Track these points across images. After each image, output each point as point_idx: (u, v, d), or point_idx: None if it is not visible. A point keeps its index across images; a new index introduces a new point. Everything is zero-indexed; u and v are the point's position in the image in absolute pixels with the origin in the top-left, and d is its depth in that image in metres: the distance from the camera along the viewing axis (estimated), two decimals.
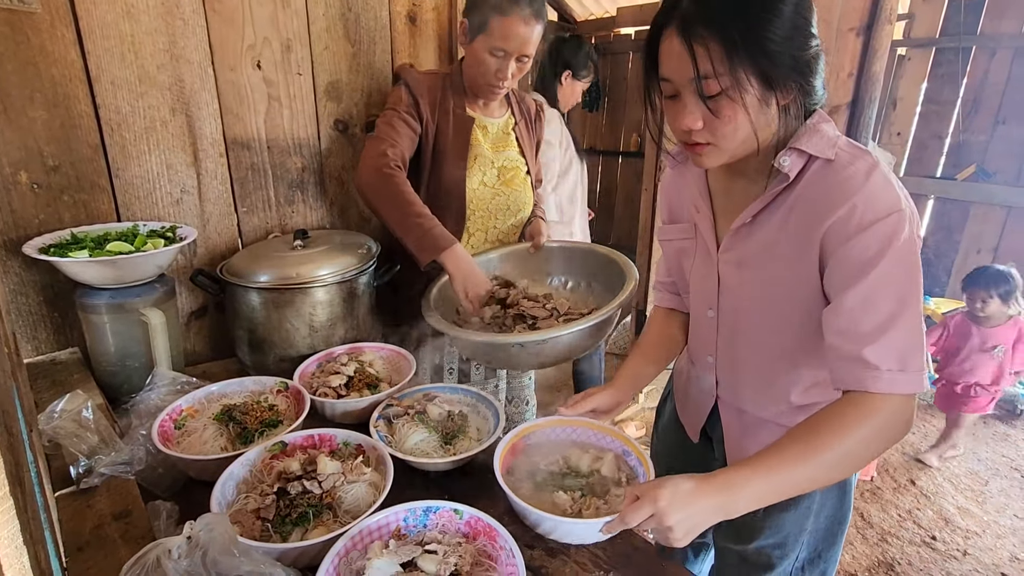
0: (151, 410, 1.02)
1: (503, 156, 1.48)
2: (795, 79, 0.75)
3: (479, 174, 1.44)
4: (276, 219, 1.52)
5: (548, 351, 1.16)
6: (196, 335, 1.46)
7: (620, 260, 1.37)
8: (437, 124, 1.38)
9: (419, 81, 1.37)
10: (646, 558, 0.85)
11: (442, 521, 0.81)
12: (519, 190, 1.51)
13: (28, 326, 1.22)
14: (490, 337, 1.15)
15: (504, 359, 1.21)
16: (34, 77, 1.12)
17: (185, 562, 0.63)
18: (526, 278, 1.48)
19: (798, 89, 0.76)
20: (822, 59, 0.77)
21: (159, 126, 1.28)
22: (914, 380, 0.72)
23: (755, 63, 0.71)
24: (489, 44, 1.28)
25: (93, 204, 1.24)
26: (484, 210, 1.48)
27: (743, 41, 0.70)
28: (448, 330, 1.16)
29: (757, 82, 0.73)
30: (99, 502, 0.82)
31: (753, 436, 0.97)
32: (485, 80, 1.34)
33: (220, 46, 1.32)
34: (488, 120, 1.47)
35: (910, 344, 0.72)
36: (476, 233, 1.50)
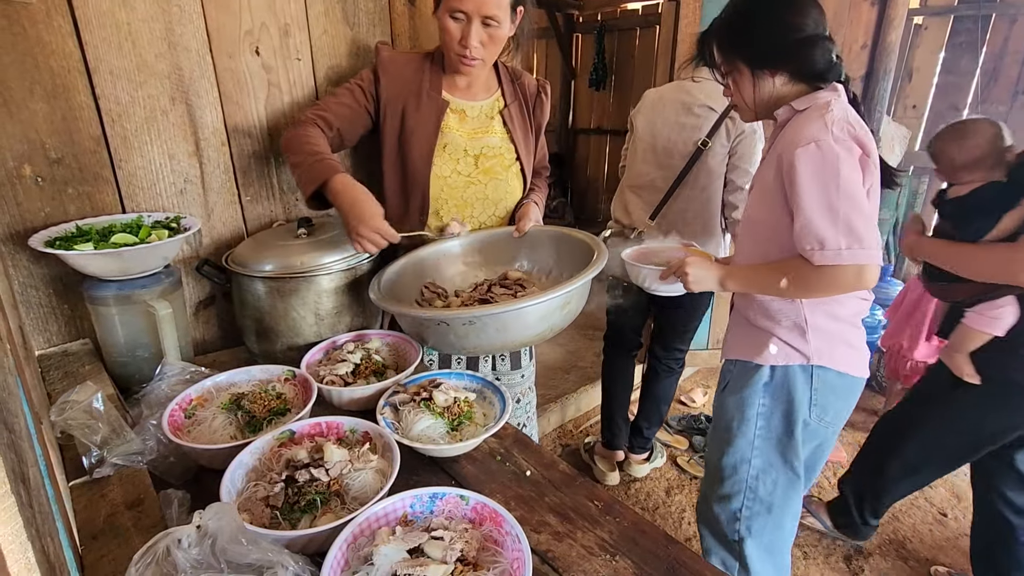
0: (161, 400, 1.03)
1: (481, 142, 1.39)
2: (781, 60, 1.12)
3: (451, 162, 1.37)
4: (280, 207, 1.52)
5: (480, 333, 1.07)
6: (204, 324, 1.48)
7: (591, 242, 1.28)
8: (404, 105, 1.32)
9: (389, 60, 1.32)
10: (652, 541, 0.85)
11: (448, 507, 0.81)
12: (501, 178, 1.43)
13: (39, 319, 1.23)
14: (413, 311, 1.11)
15: (432, 337, 1.13)
16: (33, 69, 1.11)
17: (195, 551, 0.64)
18: (502, 265, 1.44)
19: (789, 66, 1.12)
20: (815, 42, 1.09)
21: (159, 116, 1.27)
22: (827, 256, 1.02)
23: (741, 54, 1.15)
24: (448, 7, 1.20)
25: (97, 196, 1.24)
26: (458, 199, 1.41)
27: (729, 42, 1.17)
28: (381, 303, 1.14)
29: (745, 66, 1.15)
30: (112, 491, 0.84)
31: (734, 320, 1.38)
32: (452, 50, 1.25)
33: (217, 32, 1.30)
34: (467, 103, 1.39)
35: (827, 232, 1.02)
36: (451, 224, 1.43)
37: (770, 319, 1.23)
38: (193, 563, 0.63)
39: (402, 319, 1.19)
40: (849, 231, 1.01)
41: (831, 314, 1.19)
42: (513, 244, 1.45)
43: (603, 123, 5.84)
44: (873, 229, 1.03)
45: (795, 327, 1.21)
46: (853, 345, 1.22)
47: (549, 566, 0.80)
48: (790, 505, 1.31)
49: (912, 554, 2.05)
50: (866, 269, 1.02)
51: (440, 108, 1.35)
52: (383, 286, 1.24)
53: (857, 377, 1.23)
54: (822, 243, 1.02)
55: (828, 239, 1.02)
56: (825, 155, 1.02)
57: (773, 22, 1.11)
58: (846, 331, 1.21)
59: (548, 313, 1.11)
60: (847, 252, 1.01)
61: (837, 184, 1.01)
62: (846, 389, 1.23)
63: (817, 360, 1.20)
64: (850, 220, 1.01)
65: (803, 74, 1.12)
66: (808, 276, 1.06)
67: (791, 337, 1.21)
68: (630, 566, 0.80)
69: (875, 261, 1.01)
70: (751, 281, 1.18)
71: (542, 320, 1.11)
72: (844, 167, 1.01)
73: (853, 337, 1.22)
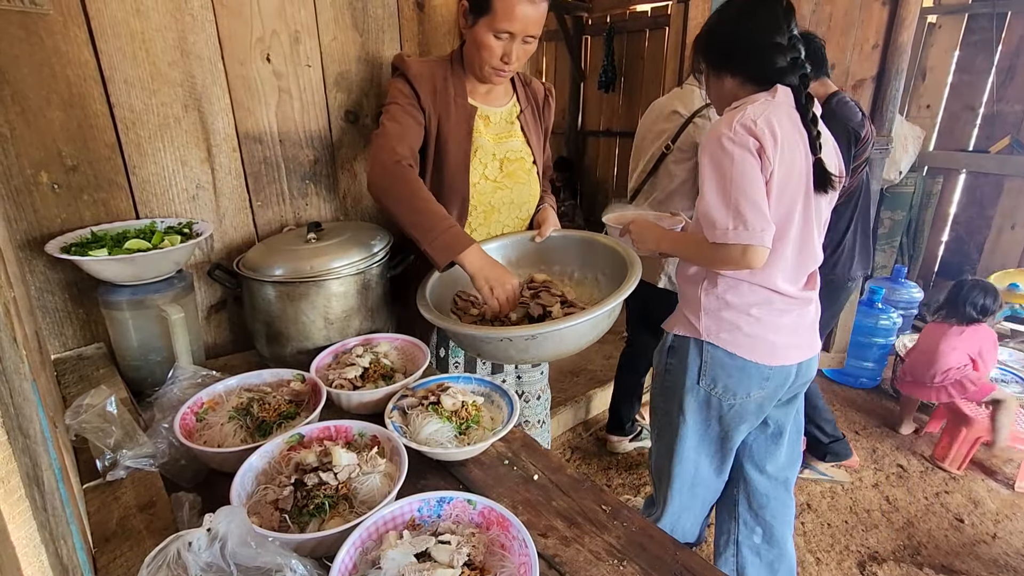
0: (173, 403, 1.05)
1: (505, 147, 1.42)
2: (732, 65, 1.26)
3: (480, 167, 1.39)
4: (290, 212, 1.54)
5: (540, 346, 1.13)
6: (216, 329, 1.49)
7: (623, 252, 1.33)
8: (438, 115, 1.33)
9: (418, 72, 1.32)
10: (660, 547, 0.85)
11: (456, 511, 0.81)
12: (523, 182, 1.46)
13: (55, 323, 1.25)
14: (477, 330, 1.13)
15: (492, 352, 1.18)
16: (50, 78, 1.13)
17: (205, 554, 0.65)
18: (525, 268, 1.46)
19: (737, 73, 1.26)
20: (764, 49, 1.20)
21: (172, 123, 1.29)
22: (717, 235, 1.17)
23: (705, 57, 1.32)
24: (493, 26, 1.22)
25: (112, 202, 1.26)
26: (486, 205, 1.43)
27: (700, 49, 1.34)
28: (438, 321, 1.15)
29: (709, 68, 1.32)
30: (125, 494, 0.85)
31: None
32: (490, 65, 1.28)
33: (229, 40, 1.32)
34: (490, 109, 1.41)
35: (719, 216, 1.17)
36: (479, 228, 1.45)
37: (682, 297, 1.43)
38: (203, 566, 0.64)
39: (459, 336, 1.20)
40: (737, 215, 1.15)
41: (723, 300, 1.32)
42: (534, 248, 1.48)
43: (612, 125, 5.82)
44: (760, 214, 1.14)
45: (693, 306, 1.37)
46: (747, 332, 1.31)
47: (556, 571, 0.80)
48: (681, 453, 1.48)
49: (927, 560, 2.02)
50: (750, 249, 1.15)
51: (470, 114, 1.36)
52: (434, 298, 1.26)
53: (751, 361, 1.32)
54: (713, 223, 1.18)
55: (719, 220, 1.17)
56: (723, 148, 1.16)
57: (729, 29, 1.26)
58: (739, 318, 1.31)
59: (599, 321, 1.16)
60: (733, 233, 1.15)
61: (730, 174, 1.16)
62: (737, 369, 1.33)
63: (706, 337, 1.34)
64: (739, 205, 1.15)
65: (751, 78, 1.24)
66: (706, 250, 1.22)
67: (690, 314, 1.38)
68: (638, 571, 0.80)
69: (757, 242, 1.14)
70: (676, 246, 1.35)
71: (594, 328, 1.18)
72: (737, 159, 1.15)
73: (747, 324, 1.31)
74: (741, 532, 1.60)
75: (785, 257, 1.27)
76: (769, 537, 1.58)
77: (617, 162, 5.88)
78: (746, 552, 1.60)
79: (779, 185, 1.18)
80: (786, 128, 1.17)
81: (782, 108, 1.19)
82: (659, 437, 1.55)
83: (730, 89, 1.27)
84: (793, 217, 1.23)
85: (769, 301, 1.30)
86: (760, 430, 1.52)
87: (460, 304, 1.35)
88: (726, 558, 1.62)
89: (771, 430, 1.52)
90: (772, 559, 1.59)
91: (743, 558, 1.60)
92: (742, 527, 1.59)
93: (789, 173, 1.19)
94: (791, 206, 1.22)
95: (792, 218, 1.23)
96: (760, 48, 1.20)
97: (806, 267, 1.33)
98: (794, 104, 1.22)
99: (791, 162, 1.19)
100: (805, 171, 1.22)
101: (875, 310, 3.02)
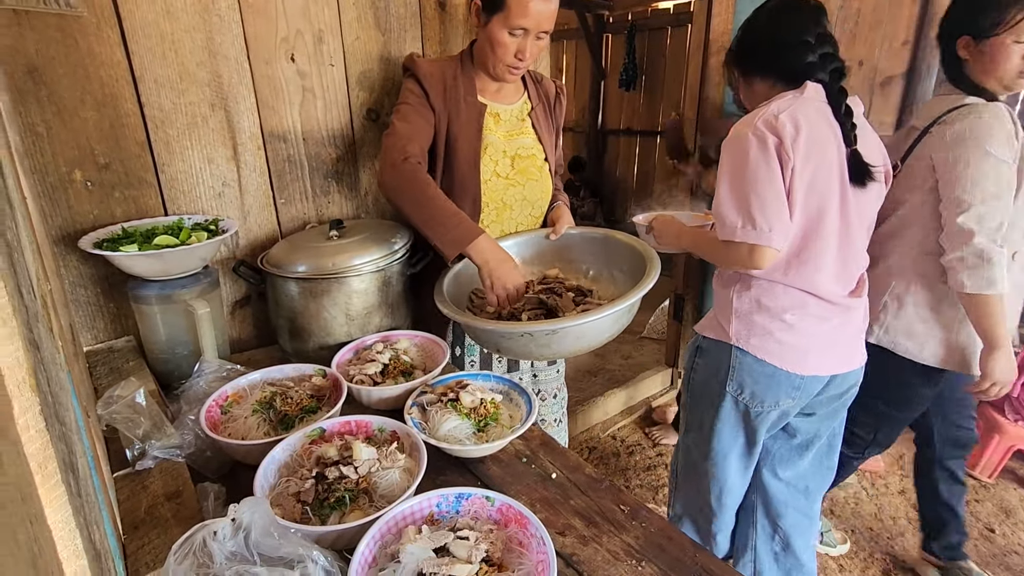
0: (199, 396, 1.07)
1: (516, 144, 1.43)
2: (760, 67, 1.28)
3: (491, 164, 1.39)
4: (313, 209, 1.56)
5: (560, 342, 1.13)
6: (240, 324, 1.52)
7: (641, 248, 1.33)
8: (448, 114, 1.34)
9: (428, 71, 1.34)
10: (680, 548, 0.84)
11: (474, 507, 0.82)
12: (535, 179, 1.46)
13: (87, 316, 1.29)
14: (497, 325, 1.13)
15: (512, 348, 1.18)
16: (84, 79, 1.17)
17: (229, 543, 0.66)
18: (539, 266, 1.46)
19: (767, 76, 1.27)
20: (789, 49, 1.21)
21: (200, 122, 1.32)
22: (726, 232, 1.18)
23: (737, 66, 1.34)
24: (507, 23, 1.23)
25: (142, 199, 1.29)
26: (498, 202, 1.43)
27: (731, 59, 1.36)
28: (457, 316, 1.16)
29: (739, 74, 1.34)
30: (153, 483, 0.87)
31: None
32: (503, 62, 1.29)
33: (255, 40, 1.34)
34: (501, 107, 1.42)
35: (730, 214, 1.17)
36: (491, 226, 1.46)
37: (716, 300, 1.40)
38: (227, 555, 0.65)
39: (478, 332, 1.20)
40: (747, 214, 1.15)
41: (756, 302, 1.28)
42: (549, 246, 1.48)
43: (633, 124, 5.77)
44: (768, 215, 1.13)
45: (725, 310, 1.34)
46: (778, 338, 1.26)
47: (574, 570, 0.80)
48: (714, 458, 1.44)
49: None
50: (756, 249, 1.14)
51: (479, 111, 1.37)
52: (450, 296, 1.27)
53: (781, 369, 1.26)
54: (723, 221, 1.18)
55: (728, 218, 1.17)
56: (740, 145, 1.16)
57: (756, 35, 1.28)
58: (771, 323, 1.26)
59: (619, 317, 1.16)
60: (741, 231, 1.15)
61: (743, 172, 1.15)
62: (766, 376, 1.28)
63: (736, 342, 1.29)
64: (749, 204, 1.14)
65: (780, 78, 1.24)
66: (719, 248, 1.22)
67: (721, 317, 1.35)
68: (656, 573, 0.80)
69: (764, 243, 1.13)
70: (695, 242, 1.35)
71: (615, 323, 1.17)
72: (751, 158, 1.14)
73: (780, 330, 1.25)
74: (759, 537, 1.57)
75: (822, 256, 1.21)
76: (786, 546, 1.54)
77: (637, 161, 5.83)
78: (763, 557, 1.57)
79: (808, 179, 1.15)
80: (813, 121, 1.14)
81: (810, 103, 1.17)
82: (690, 436, 1.51)
83: (761, 92, 1.27)
84: (828, 213, 1.18)
85: (804, 305, 1.24)
86: (785, 438, 1.48)
87: (476, 302, 1.36)
88: (744, 562, 1.60)
89: (797, 441, 1.47)
90: (790, 567, 1.56)
91: (760, 563, 1.57)
92: (760, 532, 1.56)
93: (819, 166, 1.15)
94: (824, 201, 1.18)
95: (827, 214, 1.18)
96: (786, 47, 1.21)
97: (849, 269, 1.26)
98: (825, 99, 1.19)
99: (821, 155, 1.15)
100: (838, 164, 1.18)
101: None
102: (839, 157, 1.18)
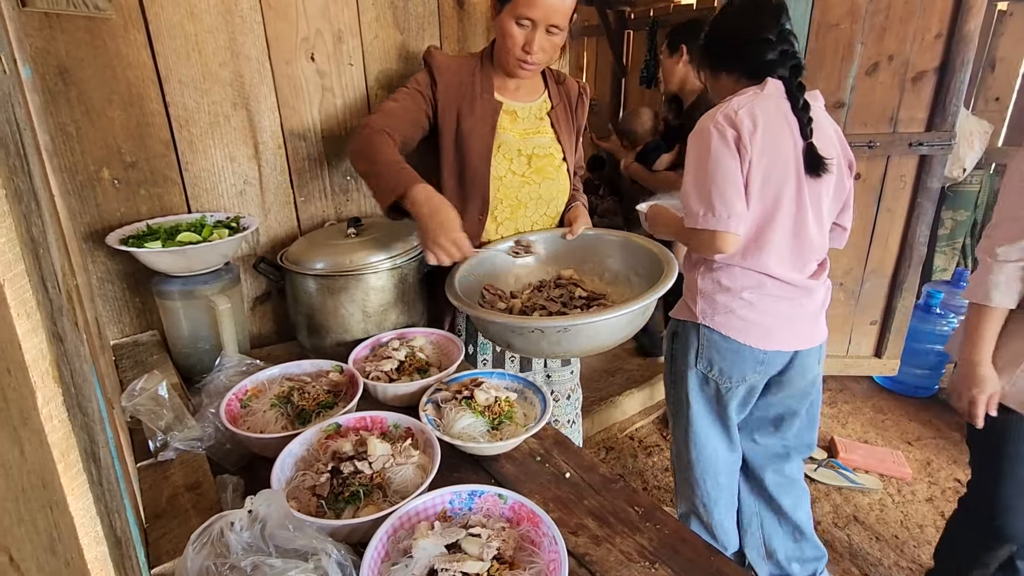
0: (219, 390, 1.09)
1: (533, 142, 1.41)
2: (725, 66, 1.36)
3: (505, 162, 1.38)
4: (332, 207, 1.58)
5: (569, 340, 1.11)
6: (260, 319, 1.55)
7: (659, 252, 1.30)
8: (459, 109, 1.33)
9: (442, 64, 1.34)
10: (694, 551, 0.83)
11: (487, 505, 0.82)
12: (552, 178, 1.44)
13: (114, 311, 1.33)
14: (506, 319, 1.12)
15: (523, 345, 1.16)
16: (111, 80, 1.20)
17: (246, 534, 0.68)
18: (554, 266, 1.45)
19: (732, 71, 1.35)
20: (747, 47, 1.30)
21: (222, 121, 1.34)
22: (690, 220, 1.30)
23: (704, 63, 1.42)
24: (514, 13, 1.22)
25: (166, 197, 1.33)
26: (512, 199, 1.42)
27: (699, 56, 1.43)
28: (467, 308, 1.15)
29: (708, 71, 1.41)
30: (174, 474, 0.89)
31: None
32: (512, 54, 1.27)
33: (276, 40, 1.36)
34: (518, 105, 1.41)
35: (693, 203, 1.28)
36: (505, 223, 1.45)
37: (685, 284, 1.50)
38: (244, 546, 0.66)
39: (489, 325, 1.18)
40: (708, 202, 1.25)
41: (717, 283, 1.39)
42: (565, 246, 1.46)
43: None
44: (726, 203, 1.23)
45: (692, 292, 1.44)
46: (740, 315, 1.37)
47: (587, 570, 0.80)
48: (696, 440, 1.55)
49: None
50: (718, 235, 1.25)
51: (494, 109, 1.36)
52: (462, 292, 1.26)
53: (745, 344, 1.38)
54: (688, 209, 1.30)
55: (692, 207, 1.28)
56: (703, 138, 1.26)
57: (721, 33, 1.36)
58: (732, 301, 1.37)
59: (634, 317, 1.15)
60: (702, 219, 1.26)
61: (706, 164, 1.25)
62: (732, 352, 1.40)
63: (702, 320, 1.40)
64: (709, 193, 1.25)
65: (744, 73, 1.33)
66: (685, 233, 1.34)
67: (689, 299, 1.46)
68: (670, 575, 0.79)
69: (723, 228, 1.23)
70: (677, 230, 1.40)
71: (629, 324, 1.16)
72: (712, 151, 1.24)
73: (740, 307, 1.37)
74: (758, 504, 1.69)
75: (776, 241, 1.31)
76: (778, 509, 1.63)
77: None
78: (768, 524, 1.68)
79: (764, 170, 1.26)
80: (771, 116, 1.24)
81: (770, 99, 1.26)
82: (675, 425, 1.62)
83: (727, 86, 1.37)
84: (782, 201, 1.29)
85: (761, 285, 1.35)
86: (762, 410, 1.59)
87: (488, 298, 1.35)
88: (752, 532, 1.69)
89: (772, 415, 1.59)
90: (791, 528, 1.66)
91: (766, 531, 1.69)
92: (757, 499, 1.69)
93: (775, 159, 1.25)
94: (779, 191, 1.28)
95: (781, 203, 1.29)
96: (749, 44, 1.30)
97: (804, 253, 1.36)
98: (784, 94, 1.28)
99: (776, 148, 1.25)
100: (794, 156, 1.27)
101: (933, 315, 2.86)
102: (795, 150, 1.27)
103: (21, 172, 0.46)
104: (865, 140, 2.42)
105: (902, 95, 2.42)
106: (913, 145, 2.43)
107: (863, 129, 2.44)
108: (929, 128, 2.44)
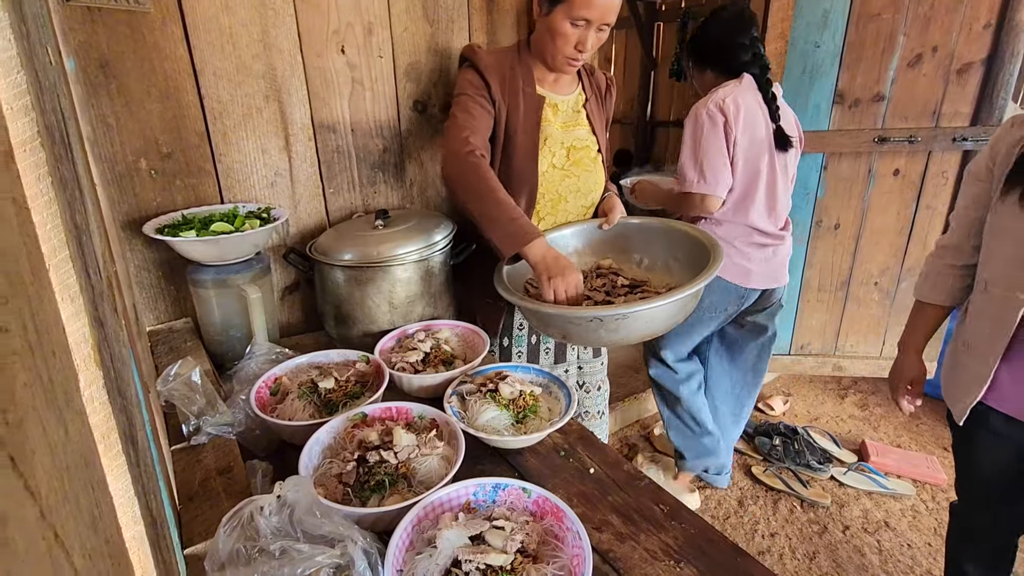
0: (250, 377, 1.11)
1: (572, 135, 1.41)
2: (709, 64, 1.68)
3: (548, 155, 1.38)
4: (360, 199, 1.59)
5: (627, 328, 1.12)
6: (289, 309, 1.58)
7: (703, 237, 1.29)
8: (508, 105, 1.33)
9: (488, 63, 1.33)
10: (721, 552, 0.81)
11: (511, 498, 0.82)
12: (589, 170, 1.44)
13: (150, 298, 1.37)
14: (564, 310, 1.11)
15: (580, 334, 1.16)
16: (150, 72, 1.23)
17: (275, 519, 0.69)
18: (592, 256, 1.45)
19: (715, 68, 1.67)
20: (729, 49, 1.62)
21: (255, 113, 1.36)
22: (684, 186, 1.63)
23: (692, 60, 1.73)
24: (570, 13, 1.21)
25: (201, 187, 1.35)
26: (554, 193, 1.42)
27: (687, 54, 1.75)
28: (521, 302, 1.15)
29: (694, 66, 1.73)
30: (206, 458, 0.92)
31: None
32: (563, 53, 1.27)
33: (308, 33, 1.38)
34: (558, 98, 1.40)
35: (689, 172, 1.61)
36: (546, 217, 1.45)
37: None
38: (273, 530, 0.68)
39: (547, 317, 1.18)
40: (700, 172, 1.58)
41: (714, 233, 1.65)
42: (601, 236, 1.47)
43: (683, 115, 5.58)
44: (715, 173, 1.57)
45: None
46: (733, 261, 1.68)
47: (610, 566, 0.79)
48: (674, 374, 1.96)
49: None
50: (706, 198, 1.60)
51: (538, 104, 1.36)
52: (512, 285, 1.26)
53: (732, 283, 1.71)
54: (684, 177, 1.63)
55: (687, 175, 1.61)
56: (697, 121, 1.58)
57: (707, 37, 1.67)
58: (726, 248, 1.59)
59: (687, 302, 1.17)
60: (696, 184, 1.59)
61: (700, 142, 1.57)
62: (721, 289, 1.72)
63: None
64: (703, 165, 1.57)
65: (724, 70, 1.65)
66: (680, 199, 1.68)
67: None
68: (696, 575, 0.78)
69: (710, 192, 1.58)
70: (666, 199, 1.81)
71: (682, 309, 1.18)
72: (706, 131, 1.56)
73: (732, 254, 1.68)
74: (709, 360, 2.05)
75: (757, 201, 1.64)
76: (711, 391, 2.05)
77: None
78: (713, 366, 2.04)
79: (745, 148, 1.58)
80: (749, 103, 1.56)
81: (747, 91, 1.58)
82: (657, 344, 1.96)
83: (710, 80, 1.69)
84: (760, 171, 1.61)
85: (749, 235, 1.68)
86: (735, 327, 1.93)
87: (532, 292, 1.35)
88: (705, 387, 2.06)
89: (746, 328, 1.90)
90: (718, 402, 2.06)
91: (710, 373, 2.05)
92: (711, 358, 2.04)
93: (753, 138, 1.58)
94: (757, 163, 1.61)
95: (760, 172, 1.61)
96: (729, 48, 1.62)
97: (777, 209, 1.69)
98: (757, 87, 1.60)
99: (753, 129, 1.58)
100: (767, 136, 1.61)
101: None
102: (767, 130, 1.61)
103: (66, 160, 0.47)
104: (906, 135, 2.33)
105: (946, 88, 2.32)
106: (957, 140, 2.33)
107: (903, 124, 2.35)
108: (974, 123, 2.34)
